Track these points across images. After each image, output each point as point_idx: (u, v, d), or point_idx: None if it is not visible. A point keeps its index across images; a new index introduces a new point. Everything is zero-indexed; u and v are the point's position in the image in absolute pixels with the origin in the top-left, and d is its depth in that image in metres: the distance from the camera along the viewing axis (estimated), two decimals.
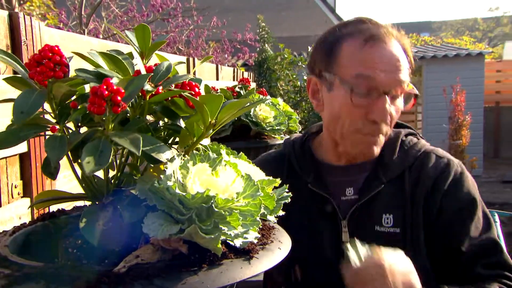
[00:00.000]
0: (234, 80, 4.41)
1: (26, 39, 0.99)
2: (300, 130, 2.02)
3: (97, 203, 0.64)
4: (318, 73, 1.13)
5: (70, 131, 0.61)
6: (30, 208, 1.01)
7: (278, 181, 0.71)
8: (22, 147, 1.00)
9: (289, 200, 1.15)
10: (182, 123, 0.64)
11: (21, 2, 3.06)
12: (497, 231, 3.55)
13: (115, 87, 0.54)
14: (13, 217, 0.99)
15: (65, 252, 0.62)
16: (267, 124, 1.78)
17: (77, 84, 0.62)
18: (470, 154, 7.66)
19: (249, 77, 5.46)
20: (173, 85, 0.65)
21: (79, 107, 0.61)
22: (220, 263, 0.57)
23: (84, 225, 0.57)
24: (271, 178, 0.71)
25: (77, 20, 2.84)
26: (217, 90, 1.89)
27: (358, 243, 0.93)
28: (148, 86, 0.58)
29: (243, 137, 1.79)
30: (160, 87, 0.62)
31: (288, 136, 1.39)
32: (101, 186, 0.65)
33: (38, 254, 0.66)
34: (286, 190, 0.73)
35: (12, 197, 1.01)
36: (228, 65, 5.36)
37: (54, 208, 0.78)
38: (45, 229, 0.69)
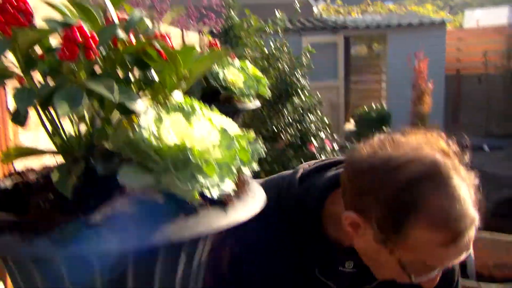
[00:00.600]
0: (200, 47, 4.33)
1: None
2: (270, 95, 2.03)
3: (68, 158, 0.63)
4: (369, 220, 0.86)
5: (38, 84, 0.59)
6: None
7: (253, 135, 0.71)
8: None
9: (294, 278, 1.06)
10: (154, 75, 0.63)
11: None
12: None
13: (88, 33, 0.52)
14: None
15: (36, 207, 0.61)
16: (237, 88, 1.77)
17: (43, 34, 0.60)
18: (431, 120, 7.90)
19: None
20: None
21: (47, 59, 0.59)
22: (197, 213, 0.57)
23: (57, 179, 0.56)
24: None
25: None
26: None
27: None
28: (121, 34, 0.57)
29: (213, 101, 1.78)
30: (132, 37, 0.60)
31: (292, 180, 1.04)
32: (72, 142, 0.64)
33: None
34: (261, 144, 0.74)
35: None
36: (194, 32, 5.25)
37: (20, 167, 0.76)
38: (14, 186, 0.67)
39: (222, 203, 0.61)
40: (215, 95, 1.79)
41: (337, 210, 0.93)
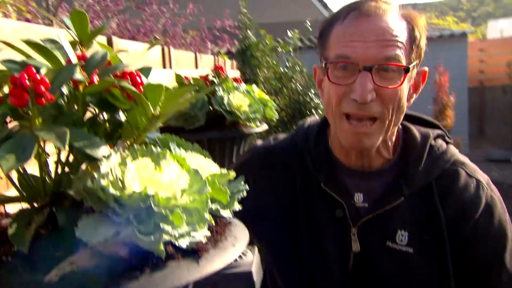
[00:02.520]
0: (211, 69, 4.33)
1: None
2: (277, 118, 1.98)
3: (35, 205, 0.59)
4: (320, 62, 1.05)
5: None
6: None
7: (233, 174, 0.66)
8: None
9: (299, 199, 1.08)
10: (122, 116, 0.59)
11: None
12: None
13: (38, 77, 0.49)
14: None
15: None
16: (242, 112, 1.73)
17: (3, 76, 0.57)
18: (455, 134, 7.70)
19: (231, 66, 5.39)
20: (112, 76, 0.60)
21: (6, 102, 0.56)
22: (165, 266, 0.53)
23: (13, 231, 0.52)
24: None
25: (44, 10, 2.74)
26: (190, 79, 1.83)
27: None
28: (79, 76, 0.53)
29: (218, 127, 1.74)
30: (96, 77, 0.57)
31: (302, 122, 1.23)
32: (38, 187, 0.60)
33: None
34: (242, 182, 0.69)
35: None
36: (210, 53, 5.27)
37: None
38: None
39: (195, 252, 0.56)
40: (220, 120, 1.75)
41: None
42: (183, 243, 0.53)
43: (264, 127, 1.87)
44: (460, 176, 1.03)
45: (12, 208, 0.74)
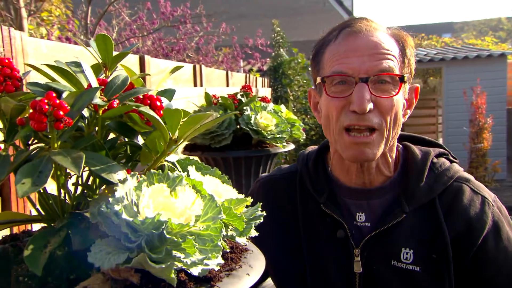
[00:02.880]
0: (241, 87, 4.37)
1: (4, 50, 0.97)
2: (304, 137, 1.96)
3: (51, 226, 0.60)
4: (314, 84, 1.07)
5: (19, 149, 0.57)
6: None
7: (250, 200, 0.65)
8: None
9: (301, 222, 1.09)
10: (140, 140, 0.60)
11: (32, 12, 3.07)
12: None
13: (57, 101, 0.50)
14: None
15: (16, 281, 0.58)
16: (269, 132, 1.72)
17: (29, 99, 0.58)
18: (492, 157, 7.43)
19: (262, 83, 5.41)
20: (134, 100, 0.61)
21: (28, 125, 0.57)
22: None
23: (29, 253, 0.53)
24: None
25: (82, 29, 2.84)
26: (218, 98, 1.85)
27: None
28: (98, 100, 0.54)
29: (244, 146, 1.74)
30: (116, 101, 0.57)
31: (302, 151, 1.27)
32: (56, 209, 0.61)
33: None
34: (260, 209, 0.68)
35: None
36: (242, 71, 5.32)
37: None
38: (3, 254, 0.65)
39: (208, 281, 0.55)
40: (247, 139, 1.75)
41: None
42: (195, 271, 0.53)
43: (291, 147, 1.86)
44: (464, 192, 1.01)
45: (35, 227, 0.75)
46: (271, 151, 1.72)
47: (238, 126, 1.75)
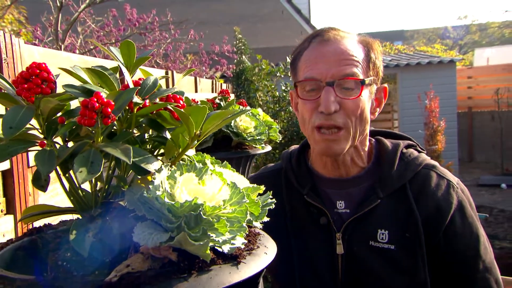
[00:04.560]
0: (213, 92, 4.43)
1: (7, 56, 1.00)
2: (280, 139, 2.05)
3: (85, 215, 0.65)
4: (294, 86, 1.19)
5: (58, 146, 0.62)
6: (14, 225, 1.00)
7: (262, 188, 0.73)
8: (4, 164, 1.00)
9: (287, 212, 1.19)
10: (168, 135, 0.66)
11: None
12: None
13: (105, 100, 0.56)
14: None
15: (54, 266, 0.63)
16: (248, 134, 1.80)
17: (63, 100, 0.64)
18: (445, 158, 7.83)
19: (227, 89, 5.49)
20: (158, 99, 0.67)
21: (66, 122, 0.62)
22: (209, 269, 0.58)
23: (74, 237, 0.58)
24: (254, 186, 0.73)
25: (53, 36, 2.82)
26: (197, 102, 1.91)
27: None
28: (136, 99, 0.60)
29: (225, 148, 1.81)
30: (147, 100, 0.64)
31: (286, 149, 1.42)
32: (89, 199, 0.66)
33: (26, 269, 0.67)
34: (270, 196, 0.76)
35: None
36: (206, 77, 5.38)
37: (40, 223, 0.78)
38: (32, 244, 0.69)
39: (234, 258, 0.62)
40: (227, 141, 1.82)
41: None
42: (225, 249, 0.60)
43: (268, 148, 1.95)
44: (432, 177, 1.15)
45: (52, 220, 0.79)
46: (250, 152, 1.79)
47: (218, 130, 1.81)
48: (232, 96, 4.98)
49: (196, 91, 3.77)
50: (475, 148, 11.05)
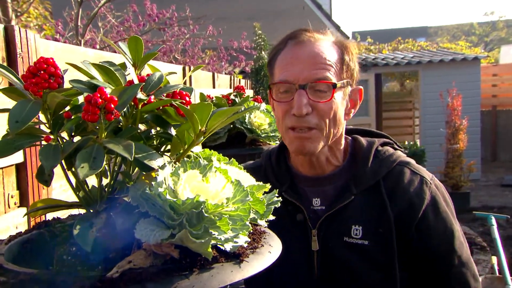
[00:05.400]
0: (230, 87, 4.44)
1: (22, 51, 1.01)
2: None
3: (91, 210, 0.66)
4: (268, 88, 1.21)
5: (64, 140, 0.63)
6: (26, 218, 1.02)
7: (268, 186, 0.72)
8: (18, 157, 1.01)
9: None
10: (173, 131, 0.66)
11: (18, 13, 3.09)
12: (494, 234, 3.53)
13: (108, 96, 0.56)
14: (9, 226, 1.01)
15: (59, 259, 0.64)
16: (262, 131, 1.80)
17: (71, 95, 0.64)
18: (467, 158, 7.67)
19: (245, 85, 5.49)
20: (165, 95, 0.67)
21: (72, 117, 0.63)
22: (211, 267, 0.58)
23: (77, 232, 0.59)
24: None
25: (74, 31, 2.86)
26: (213, 98, 1.91)
27: None
28: (140, 95, 0.60)
29: (239, 144, 1.81)
30: (152, 97, 0.64)
31: (266, 148, 1.44)
32: (95, 194, 0.67)
33: (33, 262, 0.68)
34: (276, 195, 0.75)
35: (9, 207, 1.03)
36: (225, 73, 5.39)
37: (50, 216, 0.79)
38: (40, 237, 0.70)
39: (237, 256, 0.62)
40: (241, 138, 1.82)
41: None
42: (228, 247, 0.59)
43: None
44: (405, 174, 1.16)
45: (62, 214, 0.80)
46: (264, 149, 1.79)
47: (232, 125, 1.82)
48: (248, 92, 4.98)
49: (214, 87, 3.78)
50: (499, 147, 10.81)
